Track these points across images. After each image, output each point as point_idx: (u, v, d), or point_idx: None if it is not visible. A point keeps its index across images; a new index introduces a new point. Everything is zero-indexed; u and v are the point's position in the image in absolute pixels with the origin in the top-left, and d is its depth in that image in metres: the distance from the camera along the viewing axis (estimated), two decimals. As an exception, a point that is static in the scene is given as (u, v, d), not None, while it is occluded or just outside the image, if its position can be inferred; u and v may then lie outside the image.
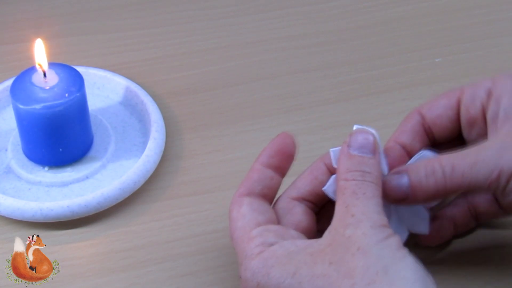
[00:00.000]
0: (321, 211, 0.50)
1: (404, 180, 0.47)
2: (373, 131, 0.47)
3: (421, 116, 0.52)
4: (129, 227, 0.57)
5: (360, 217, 0.43)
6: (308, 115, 0.65)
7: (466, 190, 0.47)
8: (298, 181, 0.50)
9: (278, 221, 0.48)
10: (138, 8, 0.76)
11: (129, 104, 0.64)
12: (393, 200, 0.47)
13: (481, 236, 0.55)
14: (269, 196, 0.49)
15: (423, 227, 0.50)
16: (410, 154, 0.51)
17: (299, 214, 0.49)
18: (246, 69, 0.69)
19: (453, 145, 0.51)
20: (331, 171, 0.49)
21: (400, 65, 0.70)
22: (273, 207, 0.49)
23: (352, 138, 0.46)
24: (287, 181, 0.50)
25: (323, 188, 0.48)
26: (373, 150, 0.46)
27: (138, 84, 0.65)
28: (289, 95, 0.67)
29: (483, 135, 0.50)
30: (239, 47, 0.72)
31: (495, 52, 0.71)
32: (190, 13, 0.75)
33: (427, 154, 0.49)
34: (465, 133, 0.51)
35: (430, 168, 0.47)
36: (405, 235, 0.49)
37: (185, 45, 0.72)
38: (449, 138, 0.52)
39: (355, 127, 0.47)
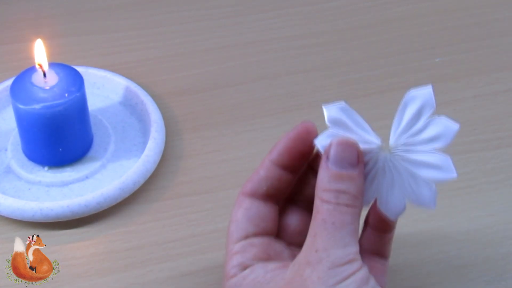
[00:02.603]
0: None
1: None
2: (344, 104, 0.44)
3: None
4: (129, 227, 0.57)
5: (321, 255, 0.41)
6: (308, 115, 0.65)
7: None
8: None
9: (276, 227, 0.47)
10: (138, 8, 0.76)
11: (129, 104, 0.64)
12: None
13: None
14: (275, 197, 0.47)
15: (429, 202, 0.45)
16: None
17: (289, 215, 0.48)
18: (246, 69, 0.69)
19: None
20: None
21: (400, 65, 0.70)
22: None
23: (332, 151, 0.43)
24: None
25: (314, 140, 0.45)
26: (354, 163, 0.43)
27: (138, 84, 0.65)
28: (289, 95, 0.67)
29: None
30: (239, 47, 0.72)
31: (495, 52, 0.71)
32: (190, 13, 0.75)
33: (414, 95, 0.45)
34: None
35: None
36: (401, 206, 0.45)
37: (185, 45, 0.72)
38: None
39: (323, 108, 0.44)
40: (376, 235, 0.46)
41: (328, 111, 0.45)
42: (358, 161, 0.43)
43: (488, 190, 0.59)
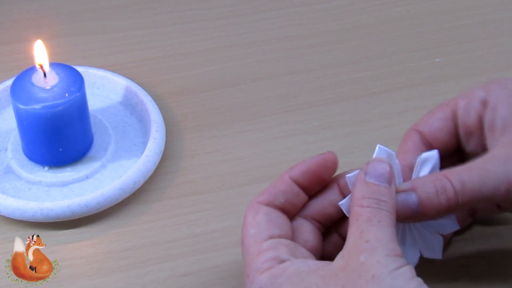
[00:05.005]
0: (327, 234, 0.50)
1: (412, 199, 0.46)
2: (392, 152, 0.47)
3: (420, 134, 0.51)
4: (129, 227, 0.57)
5: (374, 244, 0.42)
6: (308, 115, 0.65)
7: (476, 204, 0.47)
8: (309, 200, 0.49)
9: (293, 238, 0.47)
10: (138, 8, 0.76)
11: (129, 104, 0.64)
12: (402, 218, 0.46)
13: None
14: (290, 212, 0.48)
15: (436, 252, 0.49)
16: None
17: (307, 232, 0.48)
18: (246, 69, 0.69)
19: (453, 158, 0.51)
20: (343, 193, 0.48)
21: (400, 65, 0.70)
22: None
23: (370, 167, 0.46)
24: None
25: (340, 203, 0.47)
26: (390, 180, 0.45)
27: (138, 84, 0.65)
28: (289, 95, 0.67)
29: (482, 145, 0.49)
30: (239, 47, 0.72)
31: (495, 52, 0.71)
32: (190, 13, 0.75)
33: (426, 156, 0.48)
34: (464, 144, 0.51)
35: (440, 185, 0.46)
36: (416, 258, 0.49)
37: (185, 45, 0.72)
38: (449, 151, 0.51)
39: (377, 147, 0.47)
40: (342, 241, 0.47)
41: (379, 151, 0.47)
42: (392, 181, 0.46)
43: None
